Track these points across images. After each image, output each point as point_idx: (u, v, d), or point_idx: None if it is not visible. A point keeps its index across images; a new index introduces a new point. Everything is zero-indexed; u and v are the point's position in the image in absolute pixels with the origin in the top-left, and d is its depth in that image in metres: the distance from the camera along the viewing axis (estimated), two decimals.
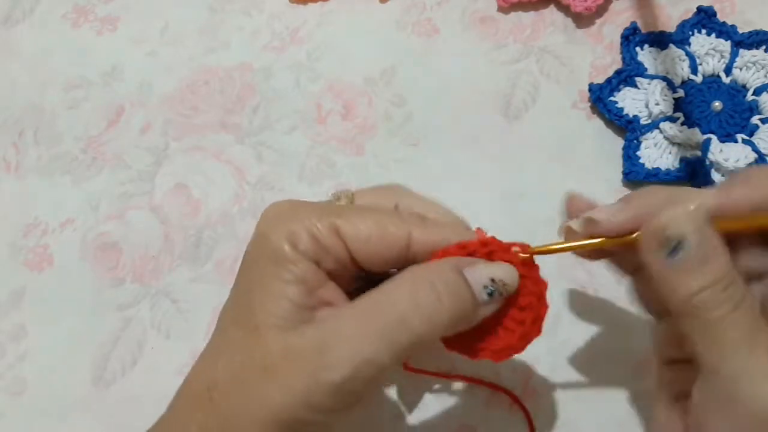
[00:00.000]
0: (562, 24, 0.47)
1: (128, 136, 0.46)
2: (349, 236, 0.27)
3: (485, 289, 0.27)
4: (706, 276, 0.25)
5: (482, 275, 0.27)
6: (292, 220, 0.27)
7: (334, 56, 0.47)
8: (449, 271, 0.26)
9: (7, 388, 0.41)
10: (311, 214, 0.28)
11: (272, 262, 0.27)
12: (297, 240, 0.27)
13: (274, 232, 0.27)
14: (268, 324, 0.26)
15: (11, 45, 0.50)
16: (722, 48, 0.43)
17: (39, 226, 0.44)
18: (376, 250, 0.27)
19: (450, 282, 0.26)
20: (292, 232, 0.27)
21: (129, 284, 0.42)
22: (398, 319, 0.25)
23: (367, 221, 0.28)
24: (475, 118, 0.45)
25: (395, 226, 0.28)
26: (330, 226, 0.27)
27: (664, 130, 0.42)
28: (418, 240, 0.27)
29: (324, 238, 0.27)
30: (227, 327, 0.28)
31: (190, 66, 0.48)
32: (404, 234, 0.27)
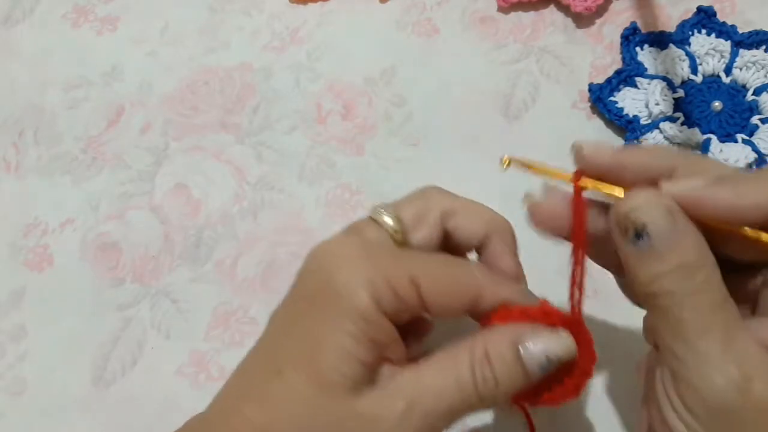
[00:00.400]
0: (562, 24, 0.47)
1: (128, 136, 0.46)
2: (427, 290, 0.27)
3: (540, 367, 0.27)
4: (665, 262, 0.24)
5: (539, 353, 0.27)
6: (371, 269, 0.26)
7: (334, 56, 0.47)
8: (506, 350, 0.26)
9: (7, 388, 0.41)
10: (388, 262, 0.27)
11: (350, 318, 0.25)
12: (380, 295, 0.26)
13: (353, 282, 0.26)
14: (339, 384, 0.25)
15: (11, 45, 0.50)
16: (722, 48, 0.43)
17: (39, 226, 0.44)
18: (449, 303, 0.27)
19: (505, 363, 0.26)
20: (372, 283, 0.26)
21: (129, 284, 0.42)
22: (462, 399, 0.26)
23: (446, 275, 0.27)
24: (475, 118, 0.45)
25: (470, 283, 0.28)
26: (410, 279, 0.26)
27: (664, 130, 0.42)
28: (487, 297, 0.28)
29: (404, 291, 0.26)
30: (289, 375, 0.26)
31: (190, 66, 0.48)
32: (477, 291, 0.28)
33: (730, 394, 0.23)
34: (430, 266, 0.27)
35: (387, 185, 0.43)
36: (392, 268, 0.26)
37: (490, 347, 0.26)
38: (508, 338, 0.27)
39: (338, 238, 0.28)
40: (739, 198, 0.24)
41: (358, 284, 0.26)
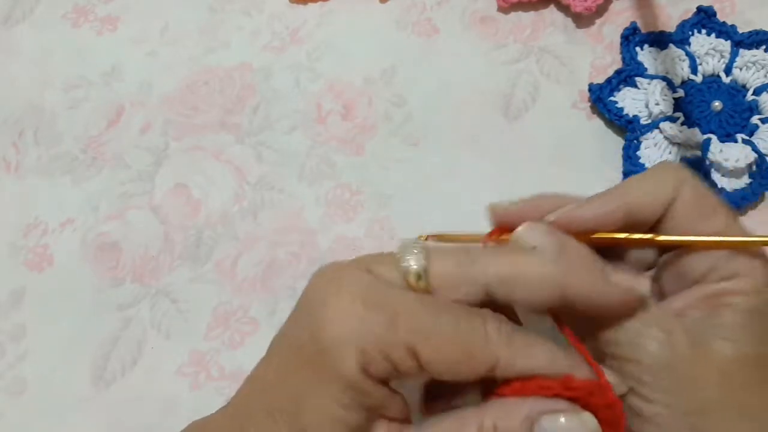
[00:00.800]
0: (562, 24, 0.47)
1: (128, 136, 0.46)
2: (428, 360, 0.24)
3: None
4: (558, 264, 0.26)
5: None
6: (364, 337, 0.23)
7: (334, 56, 0.47)
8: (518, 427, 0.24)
9: (7, 388, 0.41)
10: (387, 332, 0.24)
11: (336, 383, 0.24)
12: (370, 363, 0.23)
13: (341, 346, 0.23)
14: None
15: (11, 45, 0.50)
16: (722, 48, 0.43)
17: (39, 226, 0.44)
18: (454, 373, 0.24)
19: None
20: (364, 353, 0.23)
21: (129, 284, 0.42)
22: None
23: (451, 344, 0.24)
24: (475, 118, 0.45)
25: (482, 352, 0.24)
26: (408, 349, 0.24)
27: (664, 130, 0.42)
28: (503, 366, 0.25)
29: (399, 361, 0.24)
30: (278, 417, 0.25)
31: (190, 66, 0.48)
32: (491, 361, 0.24)
33: (663, 352, 0.25)
34: (434, 332, 0.24)
35: (387, 185, 0.43)
36: (385, 331, 0.23)
37: (500, 424, 0.24)
38: (523, 414, 0.24)
39: (343, 273, 0.25)
40: (596, 210, 0.28)
41: (346, 348, 0.23)
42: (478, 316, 0.25)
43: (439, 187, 0.43)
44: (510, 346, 0.25)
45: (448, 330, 0.24)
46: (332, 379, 0.24)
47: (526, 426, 0.24)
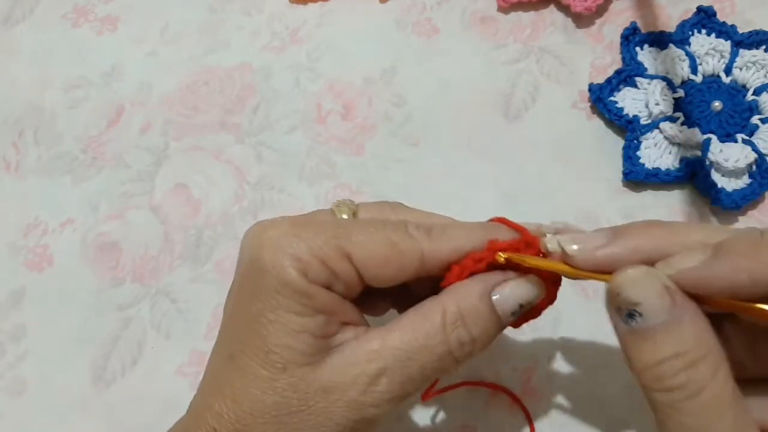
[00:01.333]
0: (562, 24, 0.47)
1: (128, 136, 0.46)
2: (361, 261, 0.26)
3: (513, 315, 0.26)
4: (661, 348, 0.22)
5: (511, 302, 0.26)
6: (296, 246, 0.25)
7: (334, 56, 0.47)
8: (479, 304, 0.26)
9: (7, 388, 0.41)
10: (316, 238, 0.26)
11: (283, 294, 0.25)
12: (307, 268, 0.25)
13: (277, 259, 0.25)
14: (296, 362, 0.25)
15: (11, 45, 0.50)
16: (722, 48, 0.43)
17: (39, 226, 0.44)
18: (389, 271, 0.26)
19: (481, 318, 0.26)
20: (299, 260, 0.25)
21: (129, 284, 0.42)
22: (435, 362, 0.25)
23: (378, 243, 0.26)
24: (475, 118, 0.45)
25: (406, 245, 0.26)
26: (339, 251, 0.26)
27: (664, 130, 0.42)
28: (430, 254, 0.26)
29: (334, 264, 0.26)
30: (244, 363, 0.26)
31: (190, 66, 0.48)
32: (416, 253, 0.26)
33: None
34: (360, 236, 0.26)
35: (387, 185, 0.43)
36: (321, 243, 0.25)
37: (463, 304, 0.26)
38: (480, 291, 0.26)
39: (272, 219, 0.28)
40: (735, 274, 0.22)
41: (283, 261, 0.25)
42: (398, 221, 0.27)
43: (439, 187, 0.43)
44: (430, 236, 0.27)
45: (374, 231, 0.26)
46: (280, 291, 0.25)
47: (486, 300, 0.26)
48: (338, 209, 0.29)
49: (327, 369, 0.25)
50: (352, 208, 0.29)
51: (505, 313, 0.26)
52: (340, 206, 0.29)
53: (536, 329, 0.39)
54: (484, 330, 0.26)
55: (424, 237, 0.27)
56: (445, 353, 0.26)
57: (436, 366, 0.26)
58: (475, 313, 0.26)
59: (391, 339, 0.26)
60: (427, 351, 0.25)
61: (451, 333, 0.26)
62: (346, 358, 0.25)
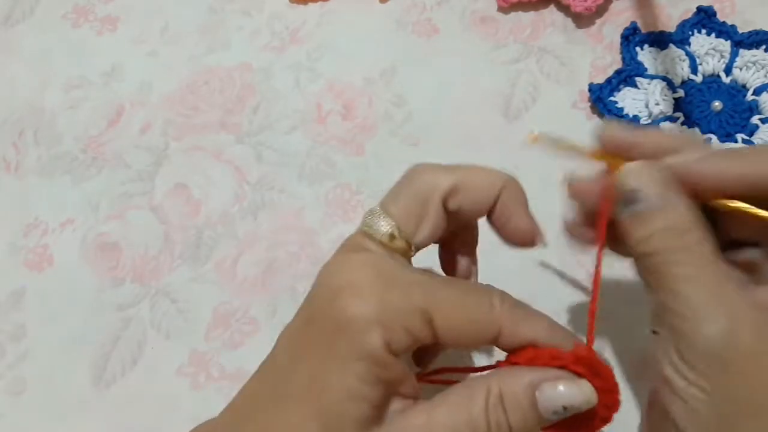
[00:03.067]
0: (562, 24, 0.47)
1: (128, 136, 0.46)
2: (441, 327, 0.26)
3: (555, 414, 0.26)
4: (655, 223, 0.26)
5: (555, 402, 0.25)
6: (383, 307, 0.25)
7: (334, 56, 0.47)
8: (522, 394, 0.25)
9: (7, 388, 0.41)
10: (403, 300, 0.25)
11: (357, 357, 0.24)
12: (391, 337, 0.25)
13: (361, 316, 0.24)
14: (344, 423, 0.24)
15: (11, 45, 0.50)
16: (722, 48, 0.43)
17: (39, 226, 0.44)
18: (464, 340, 0.26)
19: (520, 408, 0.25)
20: (385, 327, 0.24)
21: (129, 284, 0.42)
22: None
23: (462, 311, 0.26)
24: (475, 118, 0.45)
25: (487, 319, 0.26)
26: (423, 318, 0.25)
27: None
28: (506, 334, 0.26)
29: (418, 331, 0.25)
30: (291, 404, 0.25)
31: (190, 66, 0.48)
32: (495, 328, 0.26)
33: (721, 342, 0.24)
34: (444, 299, 0.26)
35: (387, 185, 0.43)
36: (404, 302, 0.25)
37: (506, 389, 0.25)
38: (526, 382, 0.26)
39: (347, 260, 0.27)
40: (723, 169, 0.26)
41: (369, 323, 0.24)
42: (483, 287, 0.27)
43: None
44: (512, 316, 0.26)
45: (458, 297, 0.26)
46: (355, 356, 0.24)
47: (529, 392, 0.25)
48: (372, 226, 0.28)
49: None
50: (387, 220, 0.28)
51: (547, 410, 0.25)
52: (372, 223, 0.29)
53: None
54: (522, 421, 0.25)
55: (507, 314, 0.26)
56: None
57: None
58: (515, 403, 0.25)
59: (437, 415, 0.25)
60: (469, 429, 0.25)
61: (492, 414, 0.25)
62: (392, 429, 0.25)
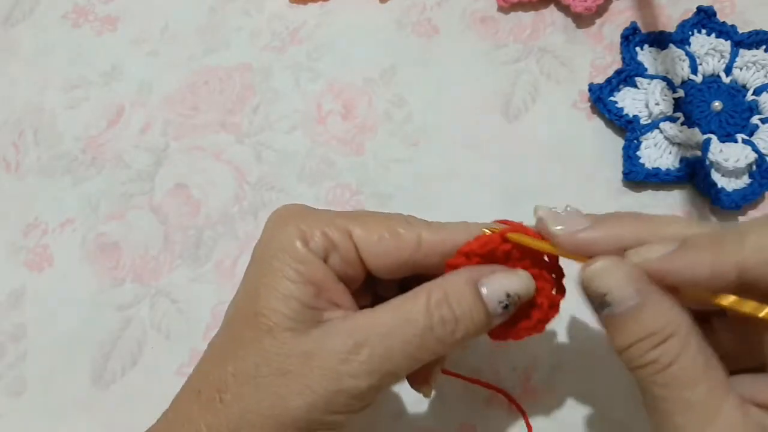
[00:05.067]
0: (562, 24, 0.47)
1: (128, 136, 0.46)
2: (361, 238, 0.28)
3: (500, 303, 0.26)
4: (632, 330, 0.24)
5: (498, 291, 0.26)
6: (304, 220, 0.28)
7: (334, 56, 0.47)
8: (464, 288, 0.26)
9: (7, 388, 0.41)
10: (323, 216, 0.28)
11: (281, 259, 0.27)
12: (308, 238, 0.27)
13: (284, 229, 0.27)
14: (282, 326, 0.26)
15: (11, 45, 0.50)
16: (722, 48, 0.43)
17: (39, 226, 0.44)
18: (386, 252, 0.28)
19: (465, 301, 0.26)
20: (303, 231, 0.27)
21: (129, 284, 0.42)
22: (416, 338, 0.26)
23: (378, 223, 0.28)
24: (475, 118, 0.45)
25: (404, 228, 0.28)
26: (342, 228, 0.28)
27: (664, 130, 0.42)
28: (427, 241, 0.28)
29: (334, 234, 0.27)
30: (235, 326, 0.28)
31: (190, 66, 0.48)
32: (414, 236, 0.28)
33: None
34: (363, 218, 0.28)
35: (387, 185, 0.43)
36: (325, 219, 0.28)
37: (449, 288, 0.26)
38: (466, 278, 0.27)
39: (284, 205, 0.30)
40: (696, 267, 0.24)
41: (288, 232, 0.27)
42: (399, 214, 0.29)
43: (439, 187, 0.43)
44: (429, 225, 0.28)
45: (375, 216, 0.29)
46: (276, 257, 0.27)
47: (471, 285, 0.26)
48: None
49: (310, 337, 0.26)
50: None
51: (492, 300, 0.26)
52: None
53: None
54: (468, 312, 0.26)
55: (423, 226, 0.28)
56: (426, 329, 0.26)
57: (417, 343, 0.26)
58: (459, 295, 0.26)
59: (375, 316, 0.26)
60: (409, 326, 0.26)
61: (434, 311, 0.26)
62: (329, 329, 0.26)
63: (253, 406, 0.26)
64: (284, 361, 0.26)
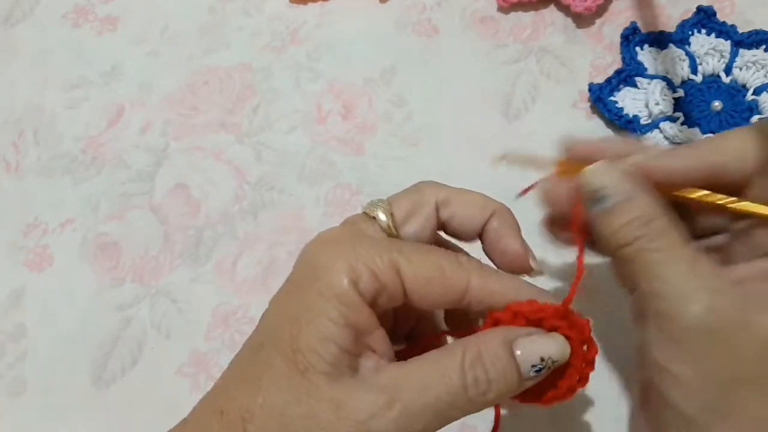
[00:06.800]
0: (562, 24, 0.47)
1: (128, 136, 0.46)
2: (408, 276, 0.27)
3: (533, 368, 0.26)
4: (624, 216, 0.27)
5: (532, 354, 0.26)
6: (352, 253, 0.26)
7: (334, 56, 0.47)
8: (499, 349, 0.26)
9: (7, 388, 0.41)
10: (372, 248, 0.27)
11: (327, 298, 0.26)
12: (357, 277, 0.26)
13: (332, 263, 0.26)
14: (317, 368, 0.25)
15: (11, 45, 0.50)
16: (722, 48, 0.43)
17: (39, 226, 0.44)
18: (433, 293, 0.27)
19: (500, 362, 0.26)
20: (352, 267, 0.26)
21: (129, 284, 0.42)
22: (449, 397, 0.25)
23: (427, 263, 0.27)
24: (475, 118, 0.45)
25: (455, 272, 0.27)
26: (391, 264, 0.27)
27: (664, 130, 0.42)
28: (476, 289, 0.27)
29: (384, 275, 0.26)
30: (270, 355, 0.26)
31: (190, 66, 0.48)
32: (463, 281, 0.27)
33: (705, 318, 0.25)
34: (414, 253, 0.27)
35: (387, 185, 0.43)
36: (374, 254, 0.26)
37: (483, 347, 0.26)
38: (501, 338, 0.27)
39: (330, 229, 0.29)
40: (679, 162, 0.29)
41: (337, 268, 0.26)
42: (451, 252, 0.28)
43: None
44: (481, 271, 0.28)
45: (425, 252, 0.28)
46: (325, 296, 0.26)
47: (507, 346, 0.26)
48: (371, 210, 0.29)
49: (344, 385, 0.25)
50: (385, 207, 0.30)
51: (525, 363, 0.26)
52: (372, 207, 0.30)
53: None
54: (502, 374, 0.26)
55: (475, 270, 0.27)
56: (459, 389, 0.25)
57: (449, 401, 0.25)
58: (494, 357, 0.26)
59: (409, 370, 0.26)
60: (443, 384, 0.25)
61: (468, 371, 0.26)
62: (363, 380, 0.26)
63: None
64: (315, 405, 0.25)
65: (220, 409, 0.26)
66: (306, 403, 0.25)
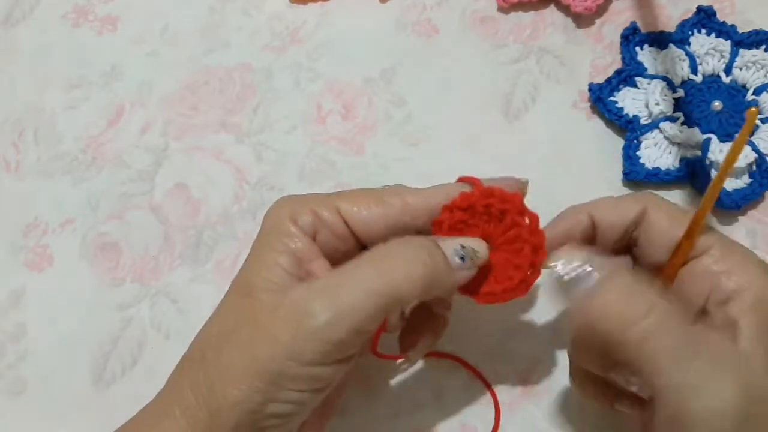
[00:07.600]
0: (562, 24, 0.47)
1: (128, 136, 0.46)
2: (348, 212, 0.31)
3: (456, 252, 0.29)
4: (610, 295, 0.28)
5: (453, 243, 0.30)
6: (297, 203, 0.31)
7: (334, 56, 0.47)
8: (423, 239, 0.29)
9: (7, 388, 0.41)
10: (314, 198, 0.31)
11: (270, 235, 0.30)
12: (297, 215, 0.30)
13: (278, 211, 0.31)
14: (260, 287, 0.28)
15: (11, 45, 0.50)
16: (722, 48, 0.43)
17: (39, 226, 0.44)
18: (374, 220, 0.30)
19: (424, 244, 0.29)
20: (294, 210, 0.30)
21: (129, 284, 0.42)
22: (376, 273, 0.28)
23: (365, 196, 0.31)
24: (475, 118, 0.45)
25: (390, 196, 0.31)
26: (330, 205, 0.31)
27: (664, 130, 0.42)
28: (412, 203, 0.31)
29: (324, 214, 0.30)
30: (227, 296, 0.30)
31: (190, 66, 0.48)
32: (399, 201, 0.31)
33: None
34: (351, 192, 0.32)
35: (387, 185, 0.43)
36: (317, 200, 0.31)
37: (409, 240, 0.29)
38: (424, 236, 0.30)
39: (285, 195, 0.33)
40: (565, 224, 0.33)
41: (281, 213, 0.31)
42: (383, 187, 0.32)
43: None
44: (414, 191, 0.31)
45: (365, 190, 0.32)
46: (269, 234, 0.30)
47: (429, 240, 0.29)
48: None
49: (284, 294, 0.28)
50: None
51: (449, 249, 0.29)
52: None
53: (536, 329, 0.39)
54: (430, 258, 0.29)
55: (408, 191, 0.31)
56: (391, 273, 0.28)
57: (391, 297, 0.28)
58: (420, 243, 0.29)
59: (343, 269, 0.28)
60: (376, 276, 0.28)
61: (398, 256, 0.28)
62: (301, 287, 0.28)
63: (228, 360, 0.28)
64: (256, 315, 0.28)
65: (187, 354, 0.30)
66: (250, 315, 0.28)
